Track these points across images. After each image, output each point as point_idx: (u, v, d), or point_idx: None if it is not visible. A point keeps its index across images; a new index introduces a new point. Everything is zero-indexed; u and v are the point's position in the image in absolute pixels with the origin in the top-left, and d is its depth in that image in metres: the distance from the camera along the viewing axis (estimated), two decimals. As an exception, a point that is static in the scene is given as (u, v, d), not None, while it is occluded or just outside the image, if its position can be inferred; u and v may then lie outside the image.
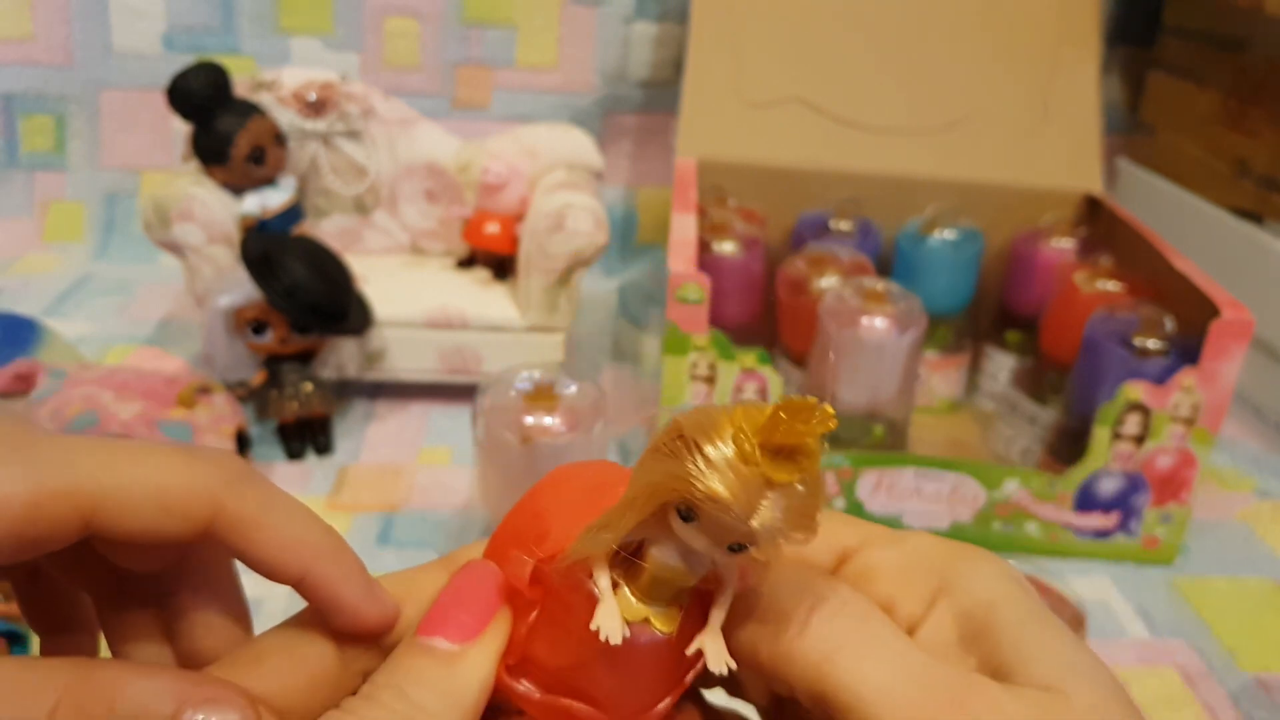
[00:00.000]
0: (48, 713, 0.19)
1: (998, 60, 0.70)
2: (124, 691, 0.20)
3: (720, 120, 0.69)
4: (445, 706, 0.21)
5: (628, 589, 0.21)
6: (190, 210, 0.61)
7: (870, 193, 0.68)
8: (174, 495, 0.21)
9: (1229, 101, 0.78)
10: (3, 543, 0.20)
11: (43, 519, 0.20)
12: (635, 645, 0.21)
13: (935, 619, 0.22)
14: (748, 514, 0.18)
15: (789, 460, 0.18)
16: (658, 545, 0.20)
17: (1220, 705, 0.46)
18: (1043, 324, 0.63)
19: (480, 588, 0.22)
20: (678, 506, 0.19)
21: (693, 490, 0.18)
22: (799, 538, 0.19)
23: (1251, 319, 0.50)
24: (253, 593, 0.24)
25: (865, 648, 0.20)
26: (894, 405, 0.57)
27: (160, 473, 0.21)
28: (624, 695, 0.22)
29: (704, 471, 0.18)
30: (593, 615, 0.20)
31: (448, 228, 0.73)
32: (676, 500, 0.19)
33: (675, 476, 0.18)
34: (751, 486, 0.18)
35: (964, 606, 0.21)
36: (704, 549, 0.19)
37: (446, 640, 0.21)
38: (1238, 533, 0.59)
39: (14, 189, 0.84)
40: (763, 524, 0.18)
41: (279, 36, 0.83)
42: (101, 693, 0.20)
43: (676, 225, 0.56)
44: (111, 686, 0.20)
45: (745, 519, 0.18)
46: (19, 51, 0.82)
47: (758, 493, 0.18)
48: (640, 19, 0.85)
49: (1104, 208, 0.67)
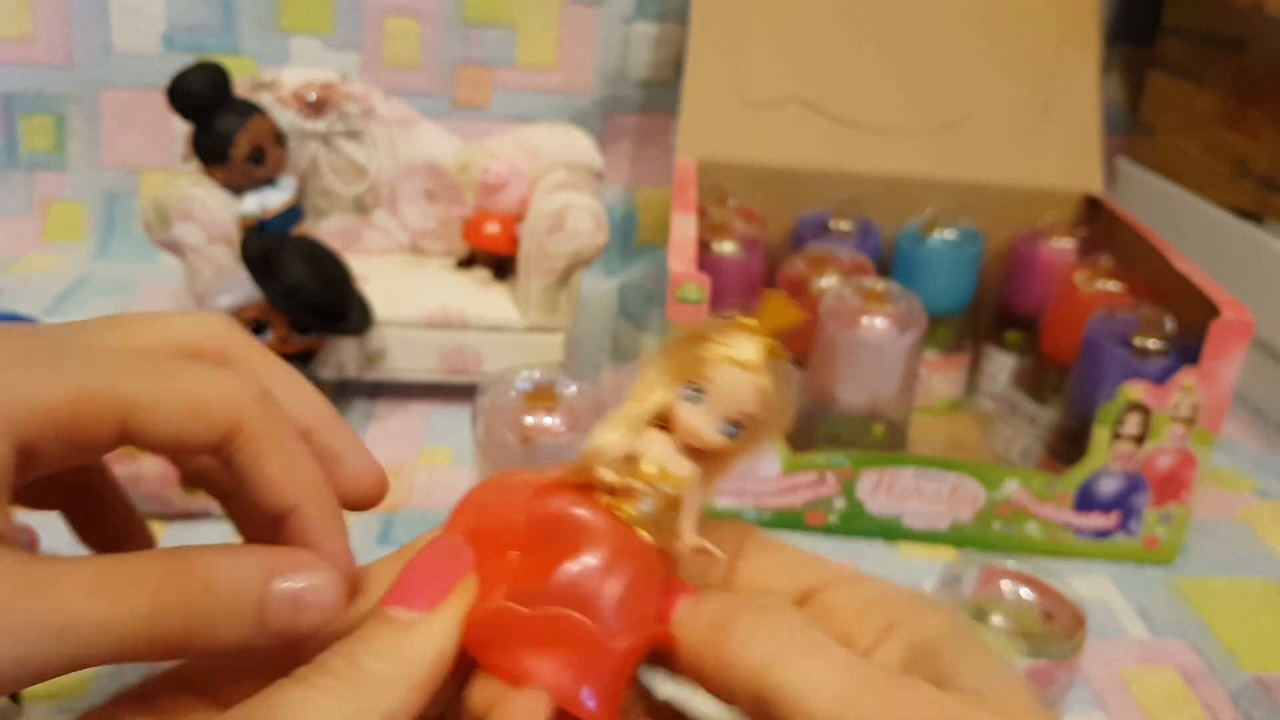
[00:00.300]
0: (149, 598, 0.20)
1: (998, 60, 0.70)
2: (216, 570, 0.21)
3: (720, 120, 0.69)
4: (397, 673, 0.21)
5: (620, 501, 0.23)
6: (190, 210, 0.61)
7: (870, 193, 0.68)
8: (206, 405, 0.22)
9: (1229, 101, 0.78)
10: (48, 446, 0.21)
11: (85, 421, 0.21)
12: (630, 549, 0.22)
13: (886, 649, 0.23)
14: (756, 370, 0.22)
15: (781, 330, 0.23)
16: (650, 456, 0.23)
17: (1220, 705, 0.46)
18: (1043, 324, 0.63)
19: (444, 559, 0.23)
20: (687, 392, 0.23)
21: (719, 354, 0.22)
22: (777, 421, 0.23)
23: (1251, 319, 0.50)
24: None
25: (804, 651, 0.21)
26: (894, 405, 0.57)
27: (194, 383, 0.22)
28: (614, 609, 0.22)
29: (726, 342, 0.22)
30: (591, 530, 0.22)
31: (448, 228, 0.73)
32: (692, 377, 0.23)
33: (699, 352, 0.23)
34: (759, 355, 0.22)
35: (913, 638, 0.23)
36: (703, 429, 0.23)
37: (406, 609, 0.22)
38: (1238, 533, 0.59)
39: (14, 189, 0.84)
40: (763, 385, 0.22)
41: (279, 36, 0.83)
42: (195, 574, 0.21)
43: (676, 225, 0.56)
44: (203, 567, 0.21)
45: (758, 375, 0.22)
46: (19, 51, 0.82)
47: (762, 359, 0.22)
48: (640, 19, 0.85)
49: (1104, 208, 0.67)
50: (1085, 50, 0.70)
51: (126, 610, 0.20)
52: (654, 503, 0.23)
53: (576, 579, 0.22)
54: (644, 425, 0.23)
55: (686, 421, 0.23)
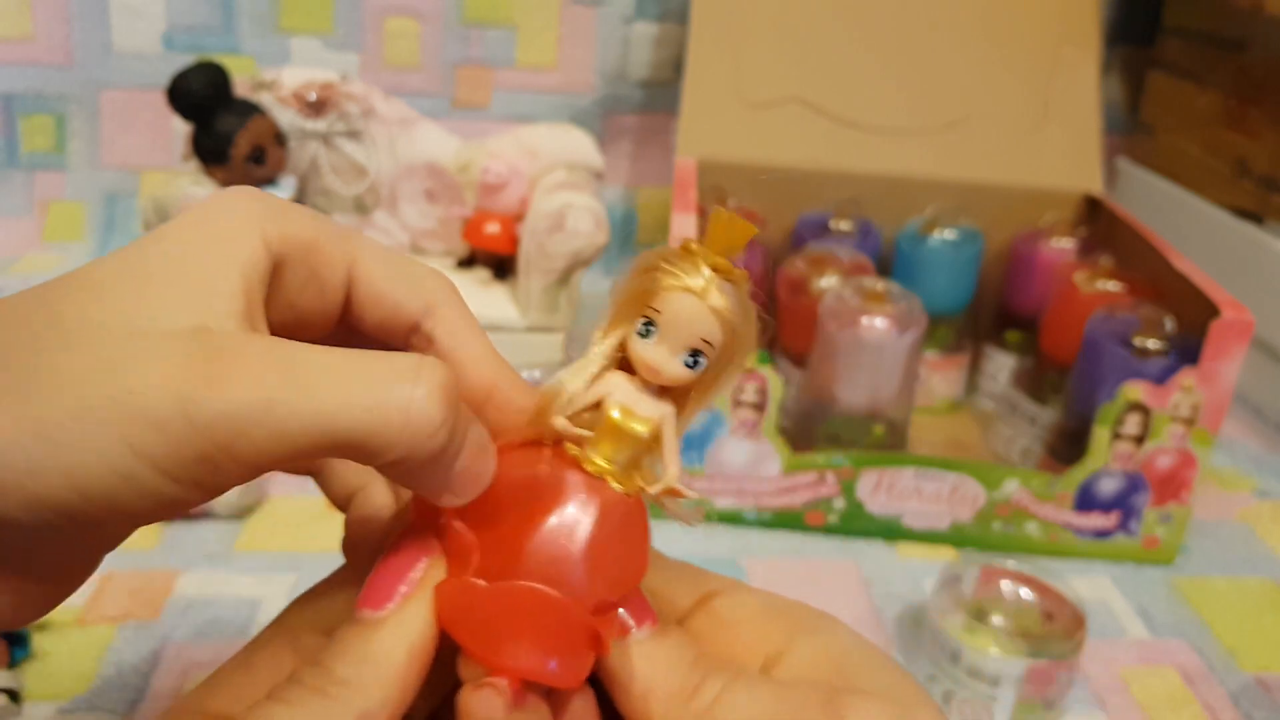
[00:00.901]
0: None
1: (998, 60, 0.70)
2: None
3: (720, 120, 0.69)
4: (366, 674, 0.21)
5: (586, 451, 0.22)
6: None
7: (870, 193, 0.68)
8: (417, 274, 0.24)
9: (1229, 101, 0.78)
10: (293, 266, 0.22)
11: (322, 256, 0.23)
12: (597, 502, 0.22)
13: (793, 655, 0.24)
14: (704, 294, 0.21)
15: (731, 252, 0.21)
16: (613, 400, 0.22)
17: (1220, 705, 0.46)
18: (1043, 324, 0.63)
19: (400, 555, 0.23)
20: (639, 328, 0.22)
21: (658, 283, 0.21)
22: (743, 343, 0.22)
23: (1251, 319, 0.50)
24: (252, 593, 0.25)
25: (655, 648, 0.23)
26: (894, 405, 0.57)
27: (407, 260, 0.24)
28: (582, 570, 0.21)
29: (673, 270, 0.21)
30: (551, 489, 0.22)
31: (448, 228, 0.73)
32: (641, 311, 0.22)
33: (642, 283, 0.21)
34: (703, 272, 0.21)
35: (816, 645, 0.24)
36: (661, 362, 0.22)
37: (371, 610, 0.22)
38: (1238, 533, 0.59)
39: (14, 189, 0.84)
40: (716, 306, 0.21)
41: (279, 36, 0.83)
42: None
43: (676, 225, 0.56)
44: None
45: (709, 298, 0.21)
46: (19, 51, 0.82)
47: (710, 280, 0.21)
48: (640, 19, 0.85)
49: (1104, 208, 0.67)
50: (1085, 50, 0.70)
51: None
52: (622, 449, 0.22)
53: (540, 544, 0.21)
54: (604, 370, 0.22)
55: (643, 358, 0.22)
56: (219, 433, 0.18)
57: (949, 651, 0.43)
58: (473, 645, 0.21)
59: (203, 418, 0.18)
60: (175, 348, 0.19)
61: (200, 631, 0.45)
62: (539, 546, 0.21)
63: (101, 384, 0.18)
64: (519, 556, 0.21)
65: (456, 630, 0.22)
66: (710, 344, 0.21)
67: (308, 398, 0.18)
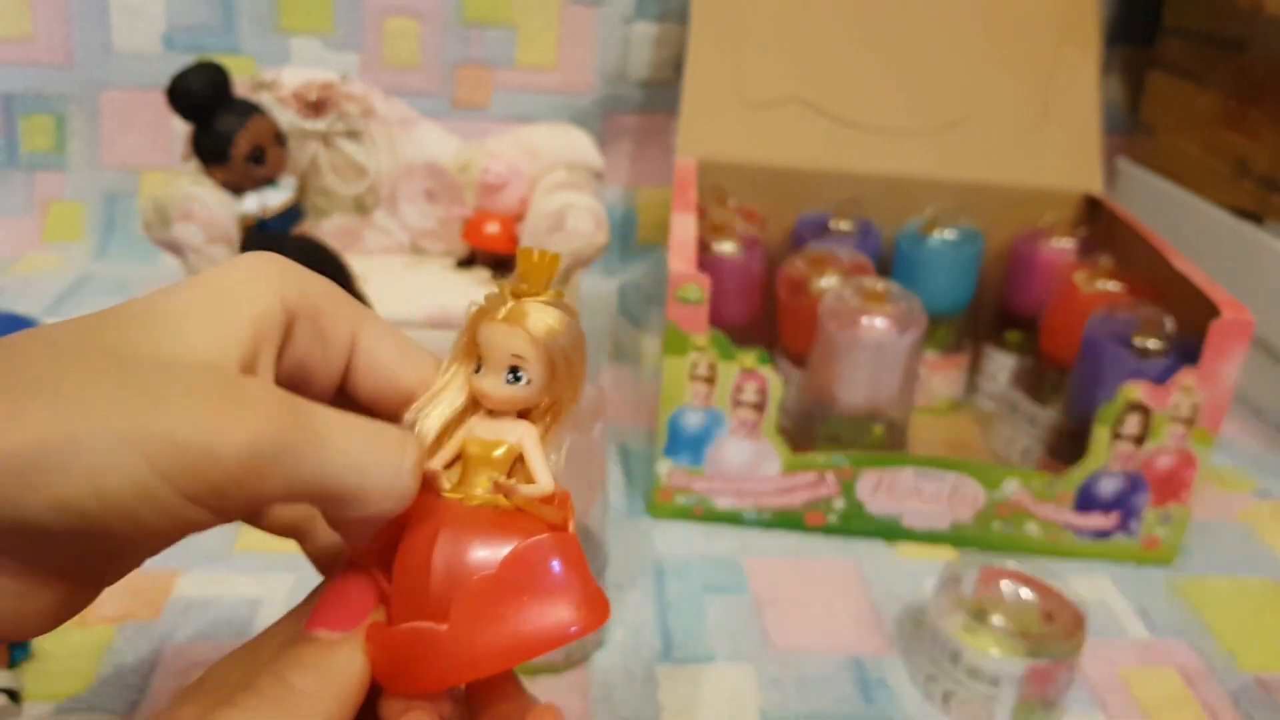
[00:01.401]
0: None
1: (998, 60, 0.70)
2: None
3: (720, 120, 0.69)
4: (322, 686, 0.22)
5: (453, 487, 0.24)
6: (190, 210, 0.61)
7: (870, 193, 0.68)
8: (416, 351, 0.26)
9: (1229, 101, 0.78)
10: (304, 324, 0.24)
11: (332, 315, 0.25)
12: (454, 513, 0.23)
13: None
14: (513, 317, 0.23)
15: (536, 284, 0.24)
16: (471, 436, 0.24)
17: (1220, 705, 0.46)
18: (1043, 324, 0.63)
19: (358, 584, 0.24)
20: (474, 369, 0.24)
21: (475, 319, 0.24)
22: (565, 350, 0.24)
23: (1251, 319, 0.50)
24: (252, 593, 0.25)
25: None
26: (894, 405, 0.57)
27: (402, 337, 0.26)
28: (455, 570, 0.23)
29: (483, 309, 0.24)
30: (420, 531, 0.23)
31: (448, 228, 0.73)
32: (473, 350, 0.24)
33: (469, 330, 0.24)
34: (506, 302, 0.24)
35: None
36: (488, 386, 0.24)
37: (328, 630, 0.23)
38: (1238, 533, 0.59)
39: (14, 189, 0.84)
40: (521, 326, 0.23)
41: (279, 36, 0.83)
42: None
43: (676, 225, 0.56)
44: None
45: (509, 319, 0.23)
46: (19, 51, 0.82)
47: (515, 306, 0.24)
48: (640, 19, 0.85)
49: (1104, 208, 0.67)
50: (1085, 50, 0.70)
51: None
52: (490, 473, 0.24)
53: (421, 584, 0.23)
54: (463, 415, 0.25)
55: (477, 389, 0.24)
56: (234, 468, 0.19)
57: (949, 651, 0.43)
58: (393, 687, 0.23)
59: (223, 452, 0.19)
60: (202, 382, 0.20)
61: (200, 632, 0.45)
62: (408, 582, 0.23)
63: (132, 405, 0.19)
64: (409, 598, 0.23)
65: (379, 672, 0.23)
66: (522, 358, 0.23)
67: (314, 452, 0.20)
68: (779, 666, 0.46)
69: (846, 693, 0.45)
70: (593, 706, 0.43)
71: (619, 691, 0.44)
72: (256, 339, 0.23)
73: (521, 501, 0.23)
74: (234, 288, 0.23)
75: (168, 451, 0.19)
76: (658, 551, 0.54)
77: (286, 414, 0.20)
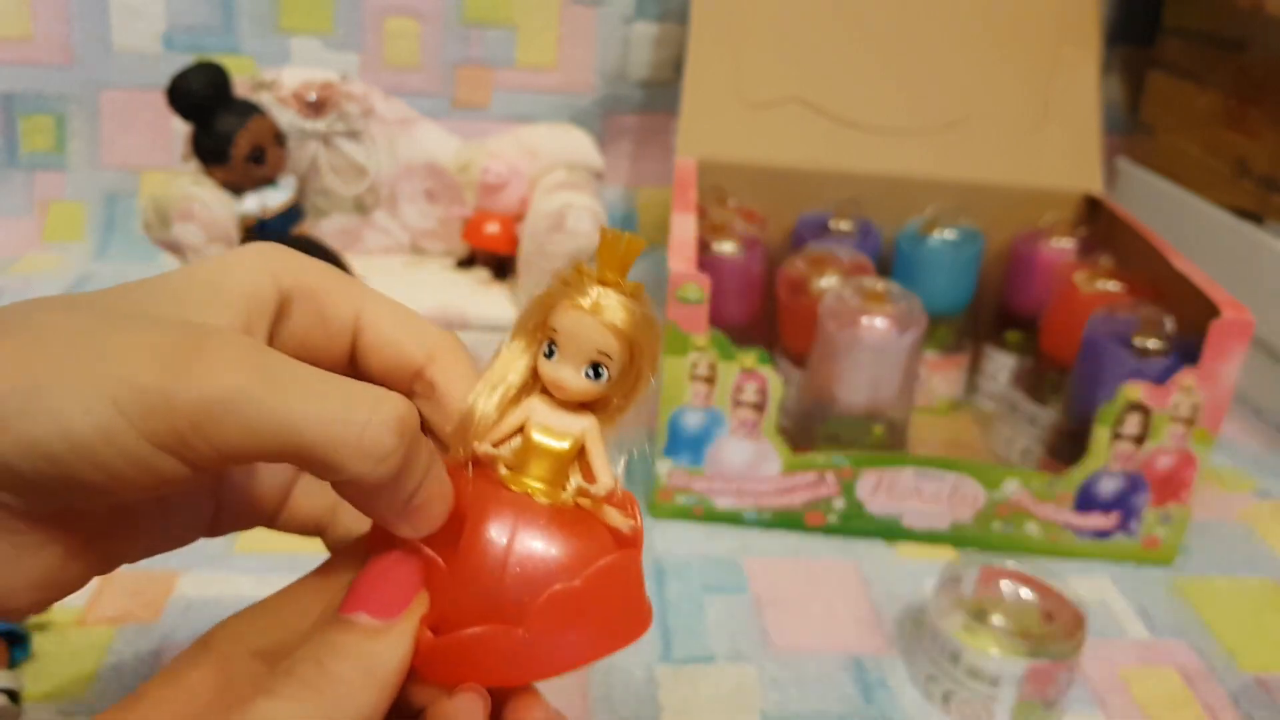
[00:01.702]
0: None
1: (998, 60, 0.70)
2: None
3: (720, 120, 0.69)
4: (364, 678, 0.21)
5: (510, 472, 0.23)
6: (190, 210, 0.61)
7: (870, 193, 0.68)
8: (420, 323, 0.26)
9: (1229, 101, 0.78)
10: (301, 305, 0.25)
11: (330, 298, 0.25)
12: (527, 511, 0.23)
13: None
14: (595, 309, 0.22)
15: (618, 271, 0.23)
16: (533, 421, 0.23)
17: (1220, 705, 0.46)
18: (1043, 324, 0.63)
19: (402, 568, 0.23)
20: (544, 349, 0.23)
21: (550, 299, 0.23)
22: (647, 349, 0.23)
23: (1251, 319, 0.50)
24: (252, 593, 0.25)
25: None
26: (894, 405, 0.57)
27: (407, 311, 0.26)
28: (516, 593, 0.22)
29: (566, 292, 0.23)
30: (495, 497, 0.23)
31: (448, 228, 0.73)
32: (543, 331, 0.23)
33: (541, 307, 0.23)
34: (592, 289, 0.22)
35: None
36: (565, 378, 0.23)
37: (369, 616, 0.22)
38: (1238, 533, 0.59)
39: (14, 189, 0.84)
40: (607, 320, 0.22)
41: (279, 36, 0.83)
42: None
43: (676, 225, 0.56)
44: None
45: (600, 312, 0.22)
46: (19, 51, 0.82)
47: (600, 295, 0.22)
48: (640, 19, 0.85)
49: (1104, 208, 0.67)
50: (1085, 50, 0.70)
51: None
52: (547, 465, 0.23)
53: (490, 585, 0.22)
54: (521, 394, 0.24)
55: (549, 376, 0.23)
56: (192, 414, 0.19)
57: (949, 651, 0.43)
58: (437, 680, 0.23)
59: (179, 397, 0.19)
60: (169, 332, 0.21)
61: (200, 633, 0.45)
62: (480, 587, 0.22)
63: (100, 349, 0.20)
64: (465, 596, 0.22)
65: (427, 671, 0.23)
66: (608, 355, 0.23)
67: (276, 399, 0.20)
68: (779, 666, 0.46)
69: (846, 693, 0.45)
70: (593, 706, 0.43)
71: (619, 691, 0.44)
72: (249, 314, 0.23)
73: (596, 509, 0.23)
74: (228, 269, 0.24)
75: (128, 394, 0.19)
76: (658, 551, 0.54)
77: (247, 362, 0.20)
